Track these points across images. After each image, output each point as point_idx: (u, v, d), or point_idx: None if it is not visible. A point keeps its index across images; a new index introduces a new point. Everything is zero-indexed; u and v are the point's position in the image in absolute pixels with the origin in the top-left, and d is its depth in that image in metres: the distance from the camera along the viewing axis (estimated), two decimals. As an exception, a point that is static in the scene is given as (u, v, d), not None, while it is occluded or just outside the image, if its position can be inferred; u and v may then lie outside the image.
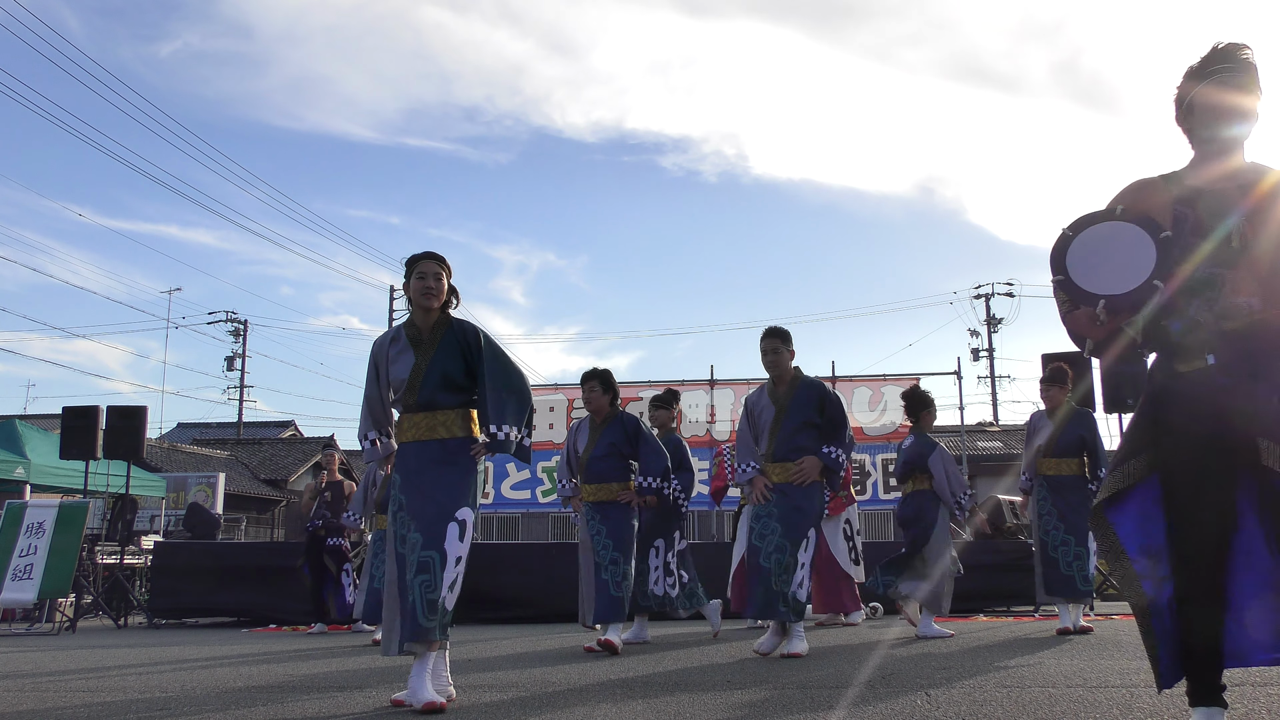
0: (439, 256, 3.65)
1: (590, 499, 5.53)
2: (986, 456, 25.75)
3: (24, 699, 3.86)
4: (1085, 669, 4.05)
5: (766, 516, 4.97)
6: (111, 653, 6.22)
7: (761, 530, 4.96)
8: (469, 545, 3.45)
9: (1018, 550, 9.21)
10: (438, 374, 3.54)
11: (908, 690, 3.47)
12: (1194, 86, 2.44)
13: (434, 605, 3.30)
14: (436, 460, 3.49)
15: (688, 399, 12.83)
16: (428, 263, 3.62)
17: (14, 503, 9.83)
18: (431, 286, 3.58)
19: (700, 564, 9.18)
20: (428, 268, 3.60)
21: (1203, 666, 2.28)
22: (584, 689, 3.72)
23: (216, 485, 19.06)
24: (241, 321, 33.63)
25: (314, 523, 8.67)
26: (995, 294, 32.71)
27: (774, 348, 5.07)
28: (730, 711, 3.11)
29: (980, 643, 5.52)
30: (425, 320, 3.63)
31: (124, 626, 9.44)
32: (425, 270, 3.60)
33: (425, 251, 3.66)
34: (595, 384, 5.59)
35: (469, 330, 3.63)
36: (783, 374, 5.10)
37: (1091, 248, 2.39)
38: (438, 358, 3.55)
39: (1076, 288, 2.38)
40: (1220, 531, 2.29)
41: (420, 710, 3.17)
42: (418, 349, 3.59)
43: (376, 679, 4.26)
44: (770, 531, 4.92)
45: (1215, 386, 2.30)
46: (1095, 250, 2.39)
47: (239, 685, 4.13)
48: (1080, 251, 2.40)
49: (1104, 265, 2.36)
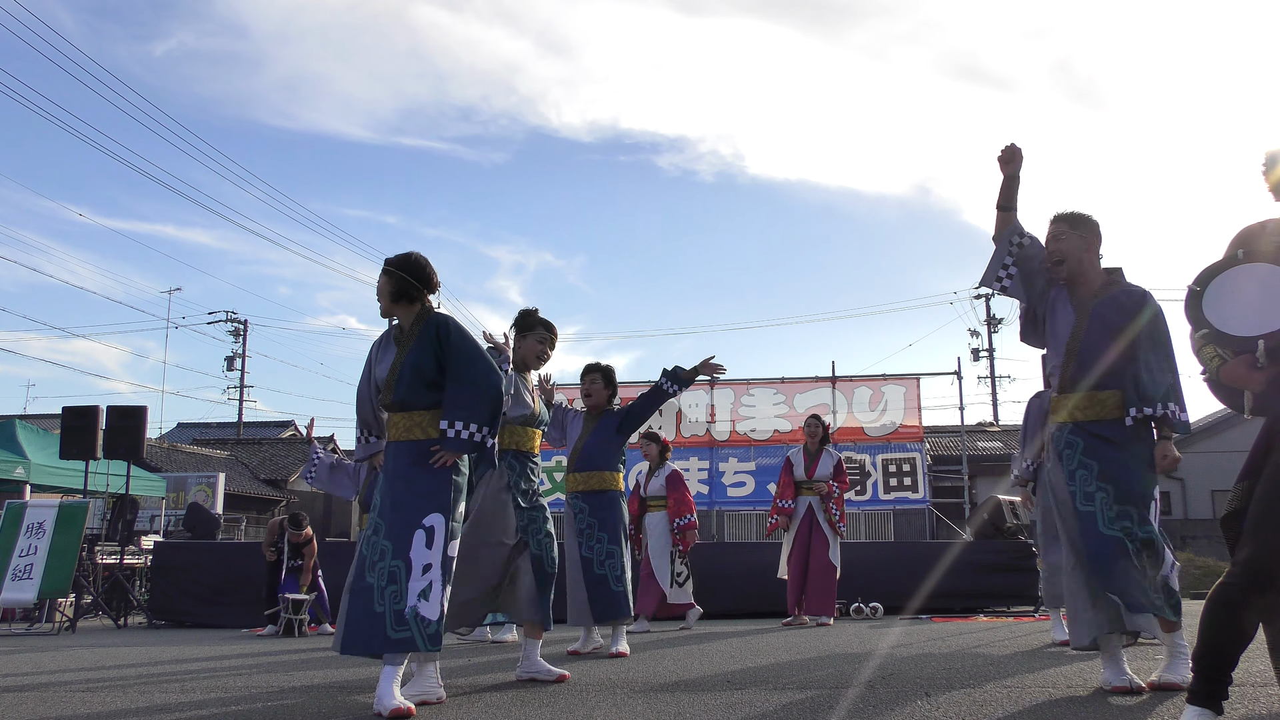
0: (386, 266, 3.56)
1: (579, 488, 5.37)
2: (986, 456, 25.74)
3: (24, 699, 3.86)
4: (1085, 669, 4.05)
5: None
6: (111, 653, 6.22)
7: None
8: (443, 551, 3.33)
9: (1018, 550, 9.21)
10: (409, 370, 3.45)
11: (908, 690, 3.47)
12: None
13: (401, 616, 3.21)
14: (411, 463, 3.41)
15: (688, 399, 12.83)
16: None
17: (14, 503, 9.82)
18: (379, 289, 3.57)
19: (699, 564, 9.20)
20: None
21: (1215, 668, 2.28)
22: (584, 689, 3.72)
23: (216, 485, 19.05)
24: (241, 321, 33.65)
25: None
26: (995, 294, 32.69)
27: None
28: (730, 711, 3.11)
29: (980, 643, 5.52)
30: (406, 318, 3.59)
31: (124, 626, 9.44)
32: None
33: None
34: (598, 376, 5.54)
35: (440, 322, 3.51)
36: None
37: (1225, 296, 2.34)
38: (411, 354, 3.47)
39: (1228, 336, 2.31)
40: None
41: (387, 717, 3.09)
42: (399, 346, 3.55)
43: (376, 679, 4.25)
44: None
45: None
46: (1230, 297, 2.33)
47: (239, 685, 4.13)
48: (1215, 302, 2.35)
49: (1246, 309, 2.30)
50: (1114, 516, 3.33)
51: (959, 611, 8.50)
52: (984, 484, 22.77)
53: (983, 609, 8.73)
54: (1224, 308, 2.34)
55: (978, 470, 22.92)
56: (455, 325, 3.52)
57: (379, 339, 3.70)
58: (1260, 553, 2.26)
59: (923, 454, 12.94)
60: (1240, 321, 2.30)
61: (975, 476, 22.12)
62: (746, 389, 13.10)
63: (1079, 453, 3.45)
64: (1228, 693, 2.30)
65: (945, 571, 8.83)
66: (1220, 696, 2.27)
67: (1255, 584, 2.26)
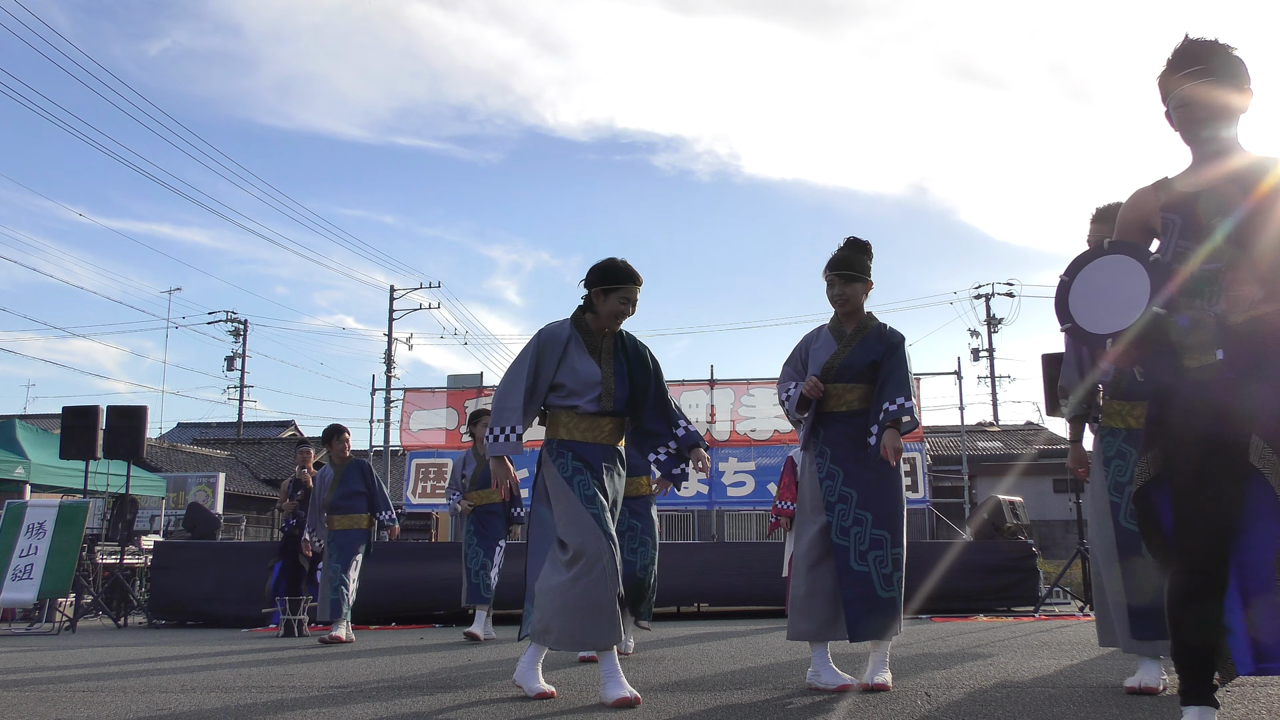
0: (639, 279, 3.70)
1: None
2: (986, 456, 25.75)
3: (24, 699, 3.86)
4: (1085, 669, 4.05)
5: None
6: (111, 652, 6.22)
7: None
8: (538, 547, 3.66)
9: (1018, 550, 9.21)
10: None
11: (908, 690, 3.47)
12: (1181, 84, 2.41)
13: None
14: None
15: (688, 399, 12.83)
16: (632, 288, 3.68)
17: (14, 503, 9.82)
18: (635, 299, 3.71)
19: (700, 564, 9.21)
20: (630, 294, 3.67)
21: (1196, 664, 2.28)
22: (584, 688, 3.72)
23: (216, 485, 19.06)
24: (241, 321, 33.66)
25: (289, 522, 8.67)
26: (995, 294, 32.73)
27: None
28: (730, 712, 3.11)
29: (980, 643, 5.52)
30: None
31: (124, 626, 9.44)
32: (628, 296, 3.65)
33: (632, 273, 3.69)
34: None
35: None
36: None
37: (1091, 288, 2.38)
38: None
39: (1085, 333, 2.37)
40: (1220, 530, 2.28)
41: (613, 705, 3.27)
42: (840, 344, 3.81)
43: (376, 679, 4.26)
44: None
45: (1221, 383, 2.30)
46: (1095, 289, 2.37)
47: (239, 685, 4.13)
48: (1081, 294, 2.39)
49: (1105, 302, 2.34)
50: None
51: (959, 611, 8.50)
52: (984, 484, 22.78)
53: (983, 609, 8.73)
54: (1088, 300, 2.38)
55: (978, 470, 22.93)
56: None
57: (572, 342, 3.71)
58: (1191, 545, 2.29)
59: (923, 454, 12.92)
60: (1097, 317, 2.35)
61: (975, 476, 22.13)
62: (746, 389, 13.08)
63: (1131, 463, 3.44)
64: (1216, 684, 2.30)
65: (945, 572, 8.83)
66: (1210, 690, 2.27)
67: (1198, 576, 2.28)
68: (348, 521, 6.82)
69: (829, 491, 3.64)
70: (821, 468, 3.70)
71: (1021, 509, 10.24)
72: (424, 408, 13.23)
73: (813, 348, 3.85)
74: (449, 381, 15.28)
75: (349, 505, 6.85)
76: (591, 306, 3.69)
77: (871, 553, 3.53)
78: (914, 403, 3.67)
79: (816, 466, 3.71)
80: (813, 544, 3.62)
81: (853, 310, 3.79)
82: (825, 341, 3.82)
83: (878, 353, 3.71)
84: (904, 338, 3.78)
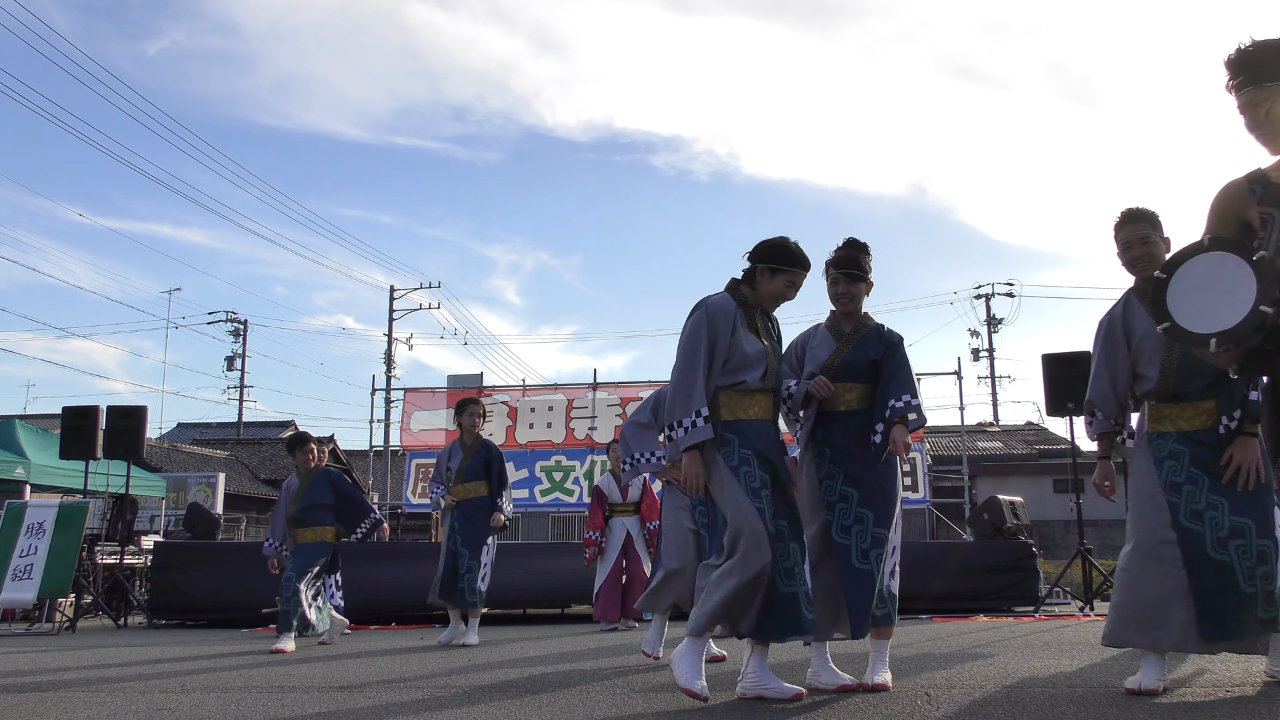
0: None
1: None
2: (986, 457, 25.77)
3: (24, 699, 3.86)
4: (1085, 669, 4.05)
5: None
6: (111, 653, 6.22)
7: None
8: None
9: (1018, 550, 9.20)
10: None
11: (908, 690, 3.47)
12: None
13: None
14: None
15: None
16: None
17: (14, 503, 9.82)
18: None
19: (700, 564, 9.13)
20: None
21: None
22: (585, 688, 3.72)
23: (216, 485, 19.05)
24: (241, 321, 33.68)
25: None
26: (995, 294, 32.76)
27: None
28: (730, 712, 3.11)
29: (980, 643, 5.52)
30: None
31: (124, 626, 9.44)
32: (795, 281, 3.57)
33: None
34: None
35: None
36: None
37: (1191, 285, 2.31)
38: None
39: (1185, 332, 2.30)
40: None
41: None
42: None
43: (376, 679, 4.26)
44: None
45: None
46: (1196, 287, 2.31)
47: (239, 685, 4.13)
48: (1180, 292, 2.32)
49: (1206, 301, 2.28)
50: (1226, 534, 3.28)
51: (959, 611, 8.49)
52: (984, 484, 22.79)
53: (983, 609, 8.72)
54: (1188, 297, 2.31)
55: (978, 470, 22.95)
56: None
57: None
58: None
59: (923, 454, 12.92)
60: (1198, 316, 2.28)
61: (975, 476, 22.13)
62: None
63: (1186, 463, 3.40)
64: None
65: (945, 572, 8.83)
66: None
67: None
68: (311, 535, 6.63)
69: (829, 491, 3.64)
70: (821, 467, 3.69)
71: (1021, 509, 10.23)
72: (424, 408, 13.24)
73: (810, 346, 3.85)
74: (449, 382, 15.28)
75: (312, 518, 6.65)
76: (751, 281, 3.55)
77: (873, 551, 3.53)
78: (920, 401, 3.66)
79: (816, 466, 3.71)
80: (812, 544, 3.61)
81: (853, 309, 3.79)
82: (823, 340, 3.82)
83: (877, 352, 3.71)
84: (903, 338, 3.78)
